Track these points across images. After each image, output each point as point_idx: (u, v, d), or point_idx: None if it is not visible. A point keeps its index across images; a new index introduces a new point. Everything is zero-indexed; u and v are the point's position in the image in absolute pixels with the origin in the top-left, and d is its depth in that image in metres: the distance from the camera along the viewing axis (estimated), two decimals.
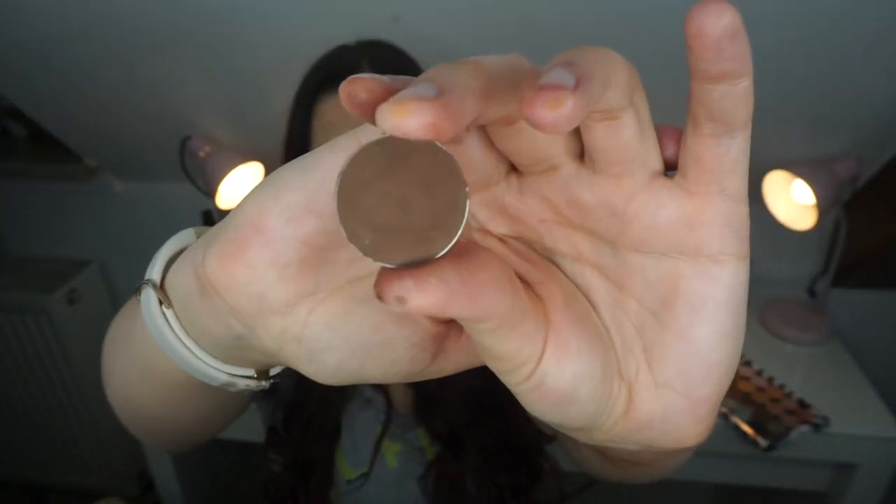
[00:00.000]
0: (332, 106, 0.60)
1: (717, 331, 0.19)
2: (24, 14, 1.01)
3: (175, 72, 1.12)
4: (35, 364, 1.60)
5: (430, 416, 0.69)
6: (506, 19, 0.94)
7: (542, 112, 0.14)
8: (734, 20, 0.18)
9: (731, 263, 0.19)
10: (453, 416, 0.67)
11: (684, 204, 0.19)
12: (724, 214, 0.19)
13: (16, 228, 1.68)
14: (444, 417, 0.68)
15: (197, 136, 1.26)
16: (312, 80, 0.63)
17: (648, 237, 0.19)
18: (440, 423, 0.68)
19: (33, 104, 1.28)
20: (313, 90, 0.61)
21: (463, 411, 0.67)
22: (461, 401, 0.67)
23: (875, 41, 0.90)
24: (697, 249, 0.19)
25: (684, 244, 0.19)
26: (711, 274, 0.19)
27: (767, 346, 1.21)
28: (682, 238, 0.19)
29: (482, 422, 0.67)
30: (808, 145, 1.14)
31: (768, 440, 0.97)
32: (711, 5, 0.17)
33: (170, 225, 1.31)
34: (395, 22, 0.95)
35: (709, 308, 0.19)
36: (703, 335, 0.19)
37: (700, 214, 0.19)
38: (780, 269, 1.40)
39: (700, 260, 0.19)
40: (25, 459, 1.79)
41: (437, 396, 0.68)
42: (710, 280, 0.19)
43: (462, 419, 0.67)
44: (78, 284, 1.56)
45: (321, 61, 0.65)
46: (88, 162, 1.47)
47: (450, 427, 0.68)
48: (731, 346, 0.19)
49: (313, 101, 0.61)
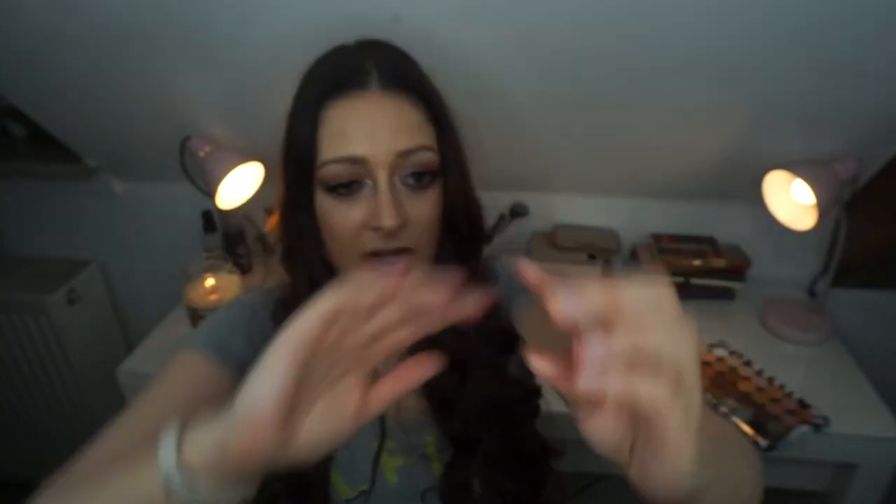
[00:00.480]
0: (342, 114, 0.58)
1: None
2: (25, 15, 1.01)
3: (175, 72, 1.12)
4: (35, 364, 1.60)
5: (446, 418, 0.68)
6: (506, 20, 0.94)
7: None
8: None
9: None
10: (469, 417, 0.67)
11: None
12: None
13: (16, 228, 1.68)
14: (461, 418, 0.67)
15: (197, 136, 1.26)
16: (316, 86, 0.60)
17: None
18: (457, 424, 0.68)
19: (33, 104, 1.28)
20: (318, 96, 0.59)
21: (477, 414, 0.67)
22: (475, 404, 0.67)
23: (875, 42, 0.91)
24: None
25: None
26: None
27: (768, 346, 1.21)
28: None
29: (493, 427, 0.67)
30: (809, 146, 1.14)
31: (768, 440, 0.97)
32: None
33: (170, 225, 1.31)
34: (395, 22, 0.95)
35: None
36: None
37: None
38: (781, 270, 1.40)
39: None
40: (25, 458, 1.79)
41: (454, 398, 0.67)
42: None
43: (476, 422, 0.67)
44: (78, 284, 1.57)
45: (323, 65, 0.62)
46: (88, 162, 1.47)
47: (465, 428, 0.67)
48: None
49: (319, 107, 0.58)
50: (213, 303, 1.15)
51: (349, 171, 0.57)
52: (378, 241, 0.58)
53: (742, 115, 1.10)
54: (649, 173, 1.30)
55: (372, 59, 0.59)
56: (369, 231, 0.58)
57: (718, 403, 1.03)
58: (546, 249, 1.34)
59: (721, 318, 1.30)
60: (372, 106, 0.57)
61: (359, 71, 0.58)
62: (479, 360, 0.67)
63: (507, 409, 0.67)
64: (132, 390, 1.19)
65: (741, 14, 0.89)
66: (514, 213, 1.36)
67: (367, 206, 0.58)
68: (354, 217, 0.58)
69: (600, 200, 1.40)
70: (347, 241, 0.59)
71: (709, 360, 1.13)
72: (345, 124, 0.57)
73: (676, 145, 1.19)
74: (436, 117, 0.61)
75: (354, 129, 0.57)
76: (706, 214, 1.38)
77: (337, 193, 0.58)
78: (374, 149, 0.56)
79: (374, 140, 0.56)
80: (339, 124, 0.57)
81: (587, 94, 1.07)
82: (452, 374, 0.67)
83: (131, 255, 1.66)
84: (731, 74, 1.00)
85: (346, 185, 0.58)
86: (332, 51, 0.64)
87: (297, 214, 0.62)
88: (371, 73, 0.58)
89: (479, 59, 1.02)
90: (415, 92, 0.59)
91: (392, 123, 0.57)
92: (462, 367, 0.67)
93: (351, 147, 0.56)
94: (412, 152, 0.58)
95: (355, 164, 0.57)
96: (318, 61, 0.63)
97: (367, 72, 0.58)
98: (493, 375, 0.67)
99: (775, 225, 1.22)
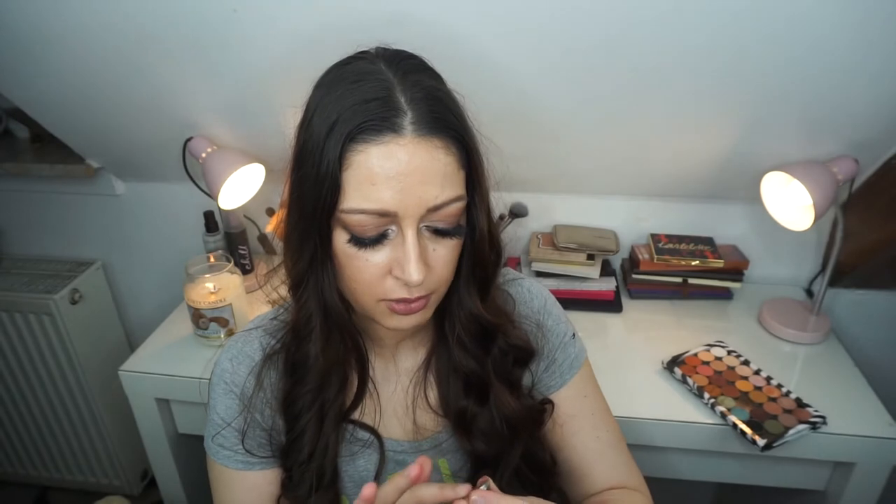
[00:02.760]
0: (372, 161, 0.52)
1: None
2: (27, 16, 1.02)
3: (177, 73, 1.13)
4: (38, 364, 1.61)
5: (468, 438, 0.69)
6: (506, 20, 0.95)
7: None
8: None
9: None
10: (491, 436, 0.68)
11: None
12: None
13: (19, 229, 1.69)
14: (483, 437, 0.68)
15: (199, 138, 1.27)
16: (344, 119, 0.52)
17: None
18: (479, 443, 0.68)
19: (36, 106, 1.28)
20: (346, 134, 0.52)
21: (498, 432, 0.68)
22: (497, 423, 0.68)
23: (871, 43, 0.91)
24: None
25: None
26: None
27: (765, 345, 1.21)
28: None
29: (513, 442, 0.69)
30: (806, 147, 1.15)
31: (766, 439, 0.97)
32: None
33: (172, 225, 1.33)
34: (395, 22, 0.95)
35: None
36: None
37: None
38: (778, 270, 1.41)
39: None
40: (28, 458, 1.80)
41: (476, 417, 0.68)
42: None
43: (497, 440, 0.68)
44: (80, 285, 1.57)
45: (350, 93, 0.54)
46: (91, 163, 1.47)
47: (487, 447, 0.68)
48: None
49: (346, 147, 0.52)
50: (214, 303, 1.15)
51: (375, 224, 0.54)
52: (401, 290, 0.57)
53: (740, 116, 1.10)
54: (648, 174, 1.30)
55: (405, 93, 0.54)
56: (391, 278, 0.57)
57: (716, 402, 1.04)
58: (546, 249, 1.35)
59: (719, 317, 1.30)
60: (406, 154, 0.52)
61: (392, 109, 0.52)
62: (498, 380, 0.68)
63: (525, 423, 0.69)
64: (134, 390, 1.20)
65: (740, 15, 0.89)
66: (513, 213, 1.37)
67: (391, 253, 0.56)
68: (377, 262, 0.56)
69: (599, 200, 1.41)
70: (366, 284, 0.57)
71: (707, 360, 1.14)
72: (374, 172, 0.52)
73: (675, 146, 1.20)
74: (467, 159, 0.57)
75: (384, 179, 0.52)
76: (704, 215, 1.38)
77: (360, 242, 0.55)
78: (404, 202, 0.53)
79: (406, 193, 0.52)
80: (367, 172, 0.52)
81: (587, 94, 1.08)
82: (471, 396, 0.68)
83: (133, 256, 1.66)
84: (729, 77, 1.00)
85: (371, 237, 0.55)
86: (357, 68, 0.56)
87: (308, 243, 0.58)
88: (405, 114, 0.52)
89: (479, 60, 1.02)
90: (449, 135, 0.54)
91: (425, 176, 0.53)
92: (480, 387, 0.68)
93: (382, 201, 0.52)
94: (443, 206, 0.54)
95: (383, 216, 0.53)
96: (340, 77, 0.56)
97: (401, 112, 0.52)
98: (511, 393, 0.69)
99: (773, 225, 1.23)
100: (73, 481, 1.81)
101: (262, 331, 0.71)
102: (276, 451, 0.68)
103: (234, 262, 1.24)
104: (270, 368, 0.68)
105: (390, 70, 0.56)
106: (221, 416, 0.68)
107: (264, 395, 0.68)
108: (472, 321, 0.66)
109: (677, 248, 1.33)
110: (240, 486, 0.69)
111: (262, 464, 0.69)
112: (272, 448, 0.68)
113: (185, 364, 1.18)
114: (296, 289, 0.63)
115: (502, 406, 0.68)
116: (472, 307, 0.65)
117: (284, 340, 0.68)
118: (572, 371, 0.74)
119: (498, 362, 0.68)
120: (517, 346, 0.69)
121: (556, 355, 0.74)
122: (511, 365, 0.70)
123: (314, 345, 0.63)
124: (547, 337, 0.74)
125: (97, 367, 1.62)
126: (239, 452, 0.68)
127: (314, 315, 0.62)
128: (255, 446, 0.68)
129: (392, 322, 0.60)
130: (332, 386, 0.66)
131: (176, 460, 1.29)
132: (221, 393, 0.69)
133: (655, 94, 1.06)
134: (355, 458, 0.71)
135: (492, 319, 0.66)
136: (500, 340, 0.68)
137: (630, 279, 1.37)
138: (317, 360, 0.64)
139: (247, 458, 0.68)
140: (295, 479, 0.67)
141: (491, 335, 0.68)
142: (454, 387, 0.69)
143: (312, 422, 0.66)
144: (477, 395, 0.68)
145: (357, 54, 0.60)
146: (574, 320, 0.78)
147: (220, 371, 0.69)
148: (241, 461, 0.68)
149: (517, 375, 0.71)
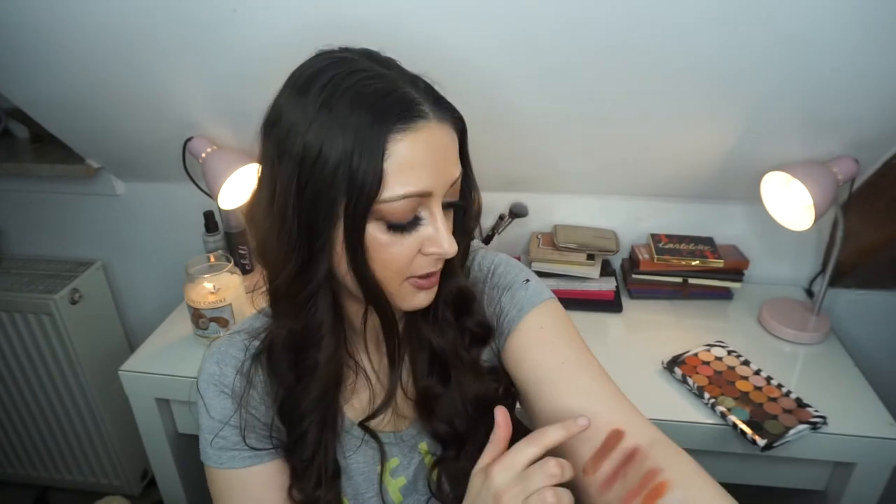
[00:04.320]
0: (408, 146, 0.54)
1: None
2: (28, 16, 1.02)
3: (177, 73, 1.13)
4: (38, 364, 1.61)
5: (432, 417, 0.70)
6: (507, 21, 0.95)
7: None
8: None
9: None
10: (454, 416, 0.69)
11: None
12: None
13: (18, 229, 1.69)
14: (445, 418, 0.69)
15: (199, 138, 1.27)
16: (375, 115, 0.54)
17: None
18: (441, 424, 0.70)
19: (36, 106, 1.29)
20: (382, 128, 0.54)
21: (464, 413, 0.69)
22: (461, 403, 0.69)
23: (871, 44, 0.91)
24: None
25: None
26: None
27: (765, 345, 1.21)
28: None
29: (480, 424, 0.69)
30: (806, 147, 1.15)
31: (767, 439, 0.97)
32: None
33: (172, 225, 1.33)
34: (394, 23, 0.95)
35: None
36: None
37: None
38: (779, 270, 1.41)
39: None
40: (28, 458, 1.80)
41: (440, 398, 0.69)
42: None
43: (462, 420, 0.69)
44: (80, 285, 1.57)
45: (365, 95, 0.55)
46: (91, 163, 1.48)
47: (451, 427, 0.69)
48: None
49: (384, 139, 0.54)
50: (214, 303, 1.15)
51: (413, 206, 0.57)
52: (430, 265, 0.60)
53: (740, 116, 1.10)
54: (648, 174, 1.30)
55: (406, 83, 0.57)
56: (420, 256, 0.59)
57: (716, 402, 1.04)
58: (545, 249, 1.35)
59: (719, 317, 1.30)
60: (433, 137, 0.56)
61: (410, 98, 0.55)
62: (459, 359, 0.68)
63: (490, 403, 0.68)
64: (134, 390, 1.20)
65: (739, 17, 0.89)
66: (513, 213, 1.37)
67: (421, 234, 0.58)
68: (411, 245, 0.58)
69: (599, 201, 1.41)
70: (399, 267, 0.59)
71: (707, 360, 1.14)
72: (414, 156, 0.55)
73: (675, 147, 1.20)
74: (460, 137, 0.61)
75: (421, 162, 0.55)
76: (705, 215, 1.38)
77: (398, 228, 0.57)
78: (438, 181, 0.57)
79: (439, 172, 0.57)
80: (409, 158, 0.55)
81: (587, 95, 1.08)
82: (434, 376, 0.69)
83: (133, 256, 1.66)
84: (729, 77, 1.00)
85: (409, 220, 0.58)
86: (354, 66, 0.57)
87: (308, 251, 0.59)
88: (421, 101, 0.56)
89: (478, 61, 1.02)
90: (454, 115, 0.59)
91: (448, 154, 0.58)
92: (443, 367, 0.69)
93: (421, 182, 0.55)
94: (457, 180, 0.59)
95: (422, 197, 0.56)
96: (340, 77, 0.56)
97: (417, 100, 0.56)
98: (473, 372, 0.69)
99: (773, 225, 1.23)
100: (73, 481, 1.81)
101: (245, 334, 0.71)
102: (276, 445, 0.68)
103: (234, 262, 1.24)
104: (258, 368, 0.69)
105: (379, 65, 0.58)
106: (218, 417, 0.68)
107: (256, 392, 0.68)
108: (453, 293, 0.67)
109: (677, 248, 1.33)
110: (252, 483, 0.68)
111: (269, 454, 0.68)
112: (273, 442, 0.68)
113: (184, 364, 1.18)
114: (292, 298, 0.62)
115: (464, 387, 0.68)
116: (460, 280, 0.68)
117: (276, 343, 0.67)
118: (522, 312, 0.70)
119: (461, 341, 0.69)
120: (479, 321, 0.70)
121: (503, 303, 0.71)
122: (469, 343, 0.70)
123: (322, 353, 0.63)
124: (497, 289, 0.72)
125: (97, 368, 1.62)
126: (244, 449, 0.67)
127: (324, 323, 0.63)
128: (255, 441, 0.68)
129: (415, 301, 0.62)
130: (334, 390, 0.67)
131: (176, 460, 1.29)
132: (214, 395, 0.68)
133: (656, 95, 1.06)
134: (355, 454, 0.72)
135: (472, 290, 0.69)
136: (468, 317, 0.69)
137: (630, 279, 1.37)
138: (324, 368, 0.64)
139: (253, 452, 0.68)
140: (299, 474, 0.68)
141: (465, 309, 0.69)
142: (421, 364, 0.69)
143: (314, 425, 0.66)
144: (440, 373, 0.69)
145: (329, 56, 0.59)
146: (574, 320, 0.77)
147: (208, 375, 0.69)
148: (248, 456, 0.68)
149: (475, 355, 0.71)
